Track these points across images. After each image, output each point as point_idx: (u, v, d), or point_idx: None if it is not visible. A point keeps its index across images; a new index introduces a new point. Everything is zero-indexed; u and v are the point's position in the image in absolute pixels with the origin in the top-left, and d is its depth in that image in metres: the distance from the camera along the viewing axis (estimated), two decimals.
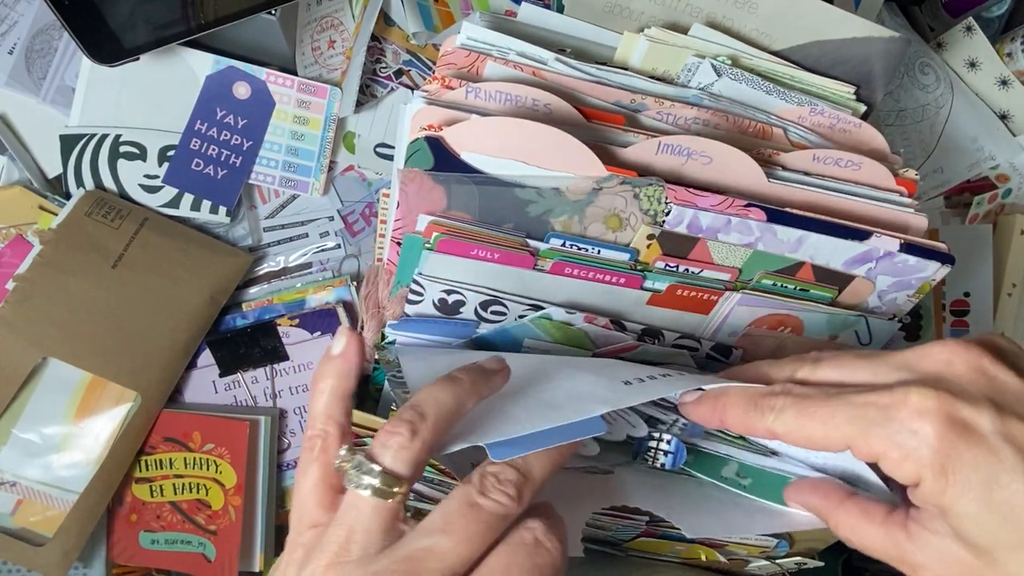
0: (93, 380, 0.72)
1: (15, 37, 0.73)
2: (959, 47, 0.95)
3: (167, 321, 0.74)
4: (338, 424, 0.43)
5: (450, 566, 0.37)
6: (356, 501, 0.39)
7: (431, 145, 0.54)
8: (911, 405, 0.38)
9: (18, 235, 0.73)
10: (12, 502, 0.72)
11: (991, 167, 0.95)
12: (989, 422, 0.37)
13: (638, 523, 0.64)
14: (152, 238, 0.74)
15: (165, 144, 0.75)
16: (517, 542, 0.39)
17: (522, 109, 0.57)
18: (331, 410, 0.43)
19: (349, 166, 0.80)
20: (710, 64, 0.62)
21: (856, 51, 0.65)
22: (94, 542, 0.76)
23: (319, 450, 0.42)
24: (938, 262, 0.60)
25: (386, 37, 0.78)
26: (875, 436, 0.39)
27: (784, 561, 0.70)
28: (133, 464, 0.75)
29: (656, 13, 0.63)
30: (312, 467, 0.42)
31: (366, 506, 0.38)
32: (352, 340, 0.44)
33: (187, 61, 0.74)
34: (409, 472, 0.39)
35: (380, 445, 0.39)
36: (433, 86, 0.57)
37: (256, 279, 0.80)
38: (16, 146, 0.74)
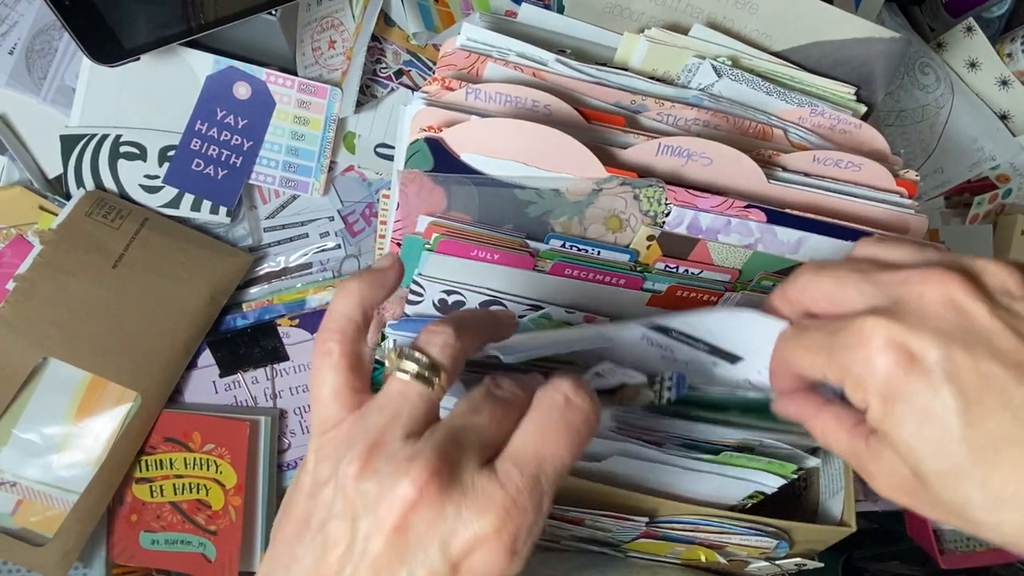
0: (93, 380, 0.72)
1: (15, 37, 0.73)
2: (959, 47, 0.95)
3: (167, 321, 0.74)
4: (357, 326, 0.41)
5: (488, 438, 0.38)
6: (402, 388, 0.38)
7: (431, 146, 0.54)
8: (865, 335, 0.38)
9: (18, 235, 0.73)
10: (12, 502, 0.72)
11: (991, 167, 0.95)
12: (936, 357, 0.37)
13: (638, 524, 0.64)
14: (152, 238, 0.74)
15: (165, 144, 0.75)
16: (547, 405, 0.39)
17: (522, 110, 0.57)
18: (352, 312, 0.41)
19: (349, 166, 0.80)
20: (710, 65, 0.62)
21: (856, 52, 0.64)
22: (94, 542, 0.76)
23: (338, 353, 0.40)
24: None
25: (386, 37, 0.78)
26: (835, 363, 0.40)
27: (784, 562, 0.70)
28: (133, 464, 0.75)
29: (656, 14, 0.63)
30: (330, 372, 0.40)
31: (412, 391, 0.38)
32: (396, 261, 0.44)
33: (187, 61, 0.74)
34: (451, 365, 0.39)
35: (426, 340, 0.40)
36: (433, 87, 0.57)
37: (256, 279, 0.80)
38: (16, 146, 0.74)
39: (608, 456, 0.61)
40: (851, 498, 0.69)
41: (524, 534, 0.35)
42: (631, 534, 0.66)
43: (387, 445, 0.37)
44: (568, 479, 0.61)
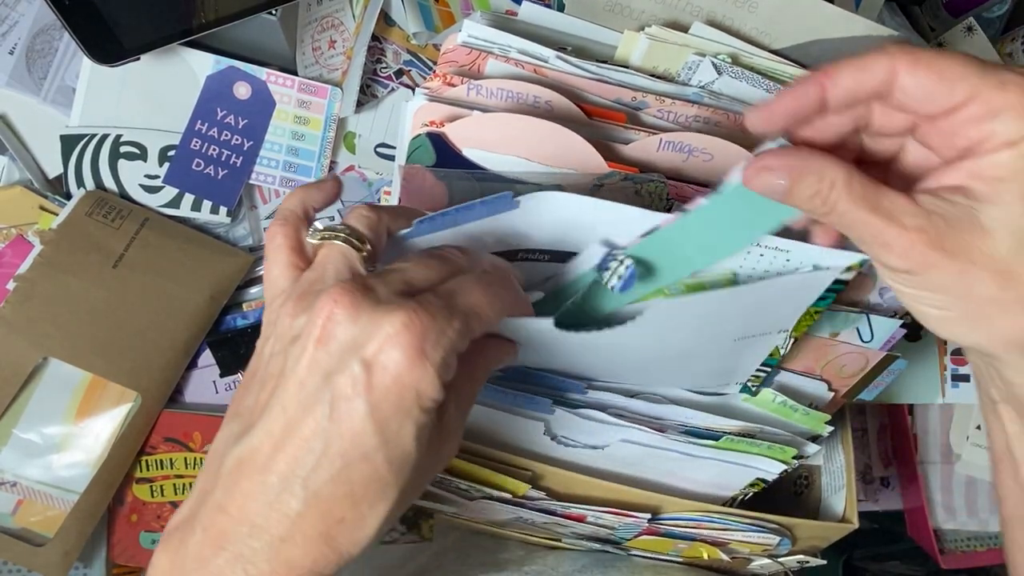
0: (93, 380, 0.72)
1: (16, 37, 0.73)
2: (959, 47, 0.95)
3: (167, 321, 0.73)
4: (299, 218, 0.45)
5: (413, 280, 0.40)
6: (327, 250, 0.42)
7: (433, 141, 0.54)
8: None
9: (19, 235, 0.73)
10: (12, 502, 0.72)
11: None
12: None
13: (640, 521, 0.64)
14: (153, 238, 0.74)
15: (165, 144, 0.75)
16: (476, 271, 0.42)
17: (523, 106, 0.57)
18: (295, 207, 0.46)
19: (349, 166, 0.80)
20: (710, 62, 0.62)
21: (856, 50, 0.65)
22: (94, 542, 0.76)
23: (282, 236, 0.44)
24: None
25: (386, 37, 0.78)
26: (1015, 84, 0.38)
27: (786, 559, 0.70)
28: (133, 464, 0.75)
29: (656, 11, 0.63)
30: (276, 253, 0.44)
31: (335, 251, 0.42)
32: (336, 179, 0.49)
33: (187, 61, 0.74)
34: (370, 233, 0.43)
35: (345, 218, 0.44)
36: (435, 83, 0.57)
37: (256, 279, 0.79)
38: (17, 146, 0.74)
39: (611, 443, 0.61)
40: (853, 495, 0.69)
41: (433, 337, 0.37)
42: (633, 531, 0.66)
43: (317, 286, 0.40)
44: (571, 475, 0.62)
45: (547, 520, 0.65)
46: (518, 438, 0.62)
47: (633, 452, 0.62)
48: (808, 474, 0.75)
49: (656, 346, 0.53)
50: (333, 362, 0.37)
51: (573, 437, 0.62)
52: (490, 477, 0.61)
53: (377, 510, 0.38)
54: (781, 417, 0.65)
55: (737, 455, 0.63)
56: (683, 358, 0.57)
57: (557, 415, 0.59)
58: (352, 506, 0.37)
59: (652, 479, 0.66)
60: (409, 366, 0.36)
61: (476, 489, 0.62)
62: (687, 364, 0.58)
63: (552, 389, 0.60)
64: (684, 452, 0.62)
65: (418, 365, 0.36)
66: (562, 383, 0.59)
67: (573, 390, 0.60)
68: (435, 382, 0.37)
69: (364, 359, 0.36)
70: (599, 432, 0.61)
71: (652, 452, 0.62)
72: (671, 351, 0.55)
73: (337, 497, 0.37)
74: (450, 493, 0.63)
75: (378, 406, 0.37)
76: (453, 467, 0.61)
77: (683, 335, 0.53)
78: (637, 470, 0.65)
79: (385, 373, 0.36)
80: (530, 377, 0.58)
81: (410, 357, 0.36)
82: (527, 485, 0.61)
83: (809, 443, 0.65)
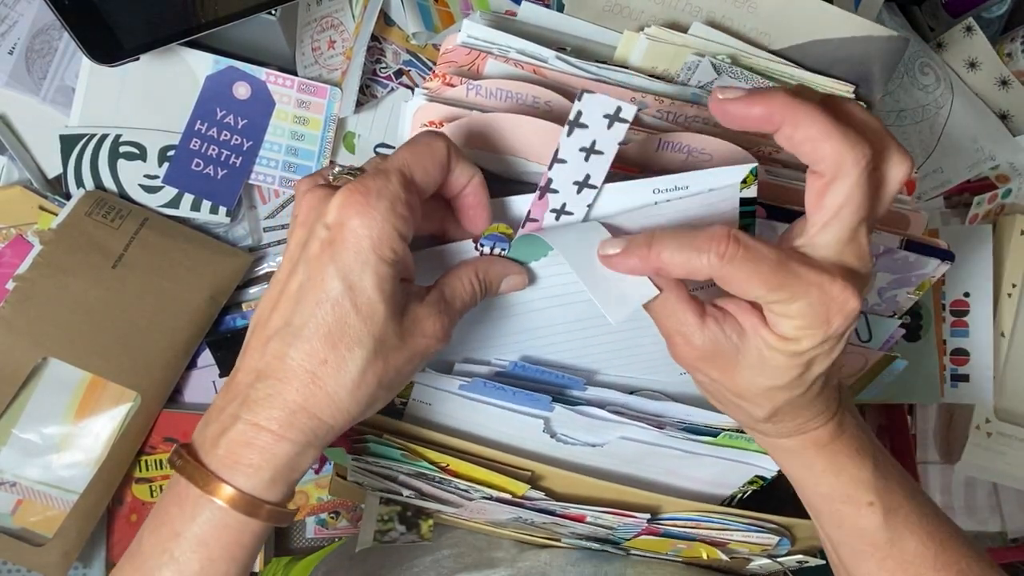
0: (93, 380, 0.72)
1: (15, 37, 0.73)
2: (959, 47, 0.95)
3: (167, 321, 0.74)
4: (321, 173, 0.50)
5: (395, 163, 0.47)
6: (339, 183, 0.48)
7: None
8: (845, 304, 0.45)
9: (18, 235, 0.73)
10: (12, 502, 0.72)
11: (991, 167, 0.95)
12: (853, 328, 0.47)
13: (639, 521, 0.64)
14: (152, 238, 0.74)
15: (165, 144, 0.75)
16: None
17: (522, 106, 0.57)
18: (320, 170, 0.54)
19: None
20: (710, 63, 0.62)
21: (855, 50, 0.65)
22: (94, 542, 0.76)
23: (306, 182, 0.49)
24: (938, 259, 0.61)
25: (386, 37, 0.78)
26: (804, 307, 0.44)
27: (785, 559, 0.70)
28: (133, 464, 0.75)
29: (656, 12, 0.63)
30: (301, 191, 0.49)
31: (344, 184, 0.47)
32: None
33: (187, 61, 0.74)
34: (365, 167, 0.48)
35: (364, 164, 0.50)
36: (434, 83, 0.57)
37: (256, 279, 0.80)
38: (16, 146, 0.74)
39: (610, 440, 0.61)
40: None
41: (375, 191, 0.44)
42: (633, 531, 0.66)
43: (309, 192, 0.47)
44: (570, 475, 0.62)
45: (546, 520, 0.65)
46: (517, 435, 0.62)
47: (632, 450, 0.62)
48: None
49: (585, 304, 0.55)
50: (306, 233, 0.46)
51: (572, 435, 0.62)
52: (489, 478, 0.61)
53: (355, 354, 0.45)
54: None
55: (735, 452, 0.63)
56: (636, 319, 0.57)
57: (556, 412, 0.59)
58: (331, 348, 0.44)
59: (651, 477, 0.66)
60: (359, 219, 0.43)
61: (475, 489, 0.62)
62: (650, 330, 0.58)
63: (551, 386, 0.60)
64: (682, 449, 0.62)
65: (366, 215, 0.43)
66: (561, 379, 0.59)
67: (572, 387, 0.60)
68: (385, 227, 0.44)
69: (327, 223, 0.44)
70: (598, 429, 0.61)
71: (651, 450, 0.62)
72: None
73: (318, 338, 0.44)
74: (450, 493, 0.63)
75: (339, 256, 0.44)
76: (453, 467, 0.61)
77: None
78: (636, 468, 0.65)
79: (342, 229, 0.44)
80: (529, 374, 0.59)
81: (358, 212, 0.44)
82: (526, 485, 0.61)
83: None
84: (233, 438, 0.45)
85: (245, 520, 0.45)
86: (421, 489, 0.64)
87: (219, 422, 0.46)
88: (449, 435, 0.60)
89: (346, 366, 0.45)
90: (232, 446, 0.45)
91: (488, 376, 0.58)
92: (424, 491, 0.64)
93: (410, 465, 0.61)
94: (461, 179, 0.49)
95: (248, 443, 0.45)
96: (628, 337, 0.59)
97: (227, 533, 0.45)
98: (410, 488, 0.64)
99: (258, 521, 0.45)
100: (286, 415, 0.45)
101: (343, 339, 0.44)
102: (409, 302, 0.47)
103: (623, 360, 0.61)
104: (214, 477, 0.45)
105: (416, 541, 0.69)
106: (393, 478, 0.63)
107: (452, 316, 0.49)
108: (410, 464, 0.61)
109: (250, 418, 0.45)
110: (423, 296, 0.48)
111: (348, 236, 0.44)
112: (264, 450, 0.45)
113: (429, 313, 0.48)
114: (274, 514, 0.46)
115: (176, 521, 0.46)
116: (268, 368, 0.45)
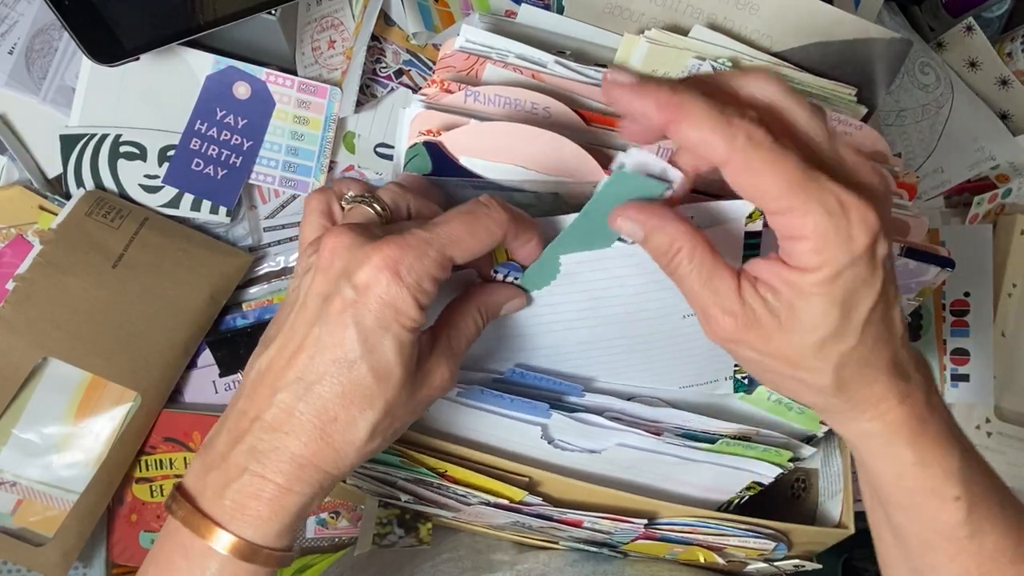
0: (93, 380, 0.72)
1: (15, 37, 0.73)
2: (959, 47, 0.95)
3: (167, 321, 0.74)
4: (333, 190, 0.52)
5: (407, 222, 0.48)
6: (352, 210, 0.49)
7: (430, 150, 0.54)
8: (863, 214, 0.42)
9: (18, 235, 0.73)
10: (12, 502, 0.72)
11: (991, 167, 0.95)
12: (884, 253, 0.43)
13: (636, 526, 0.65)
14: (152, 238, 0.74)
15: (165, 144, 0.75)
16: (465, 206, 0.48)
17: (521, 113, 0.57)
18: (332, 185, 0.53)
19: (349, 166, 0.80)
20: (711, 66, 0.61)
21: (857, 53, 0.64)
22: (94, 542, 0.76)
23: (315, 200, 0.51)
24: (938, 266, 0.60)
25: (386, 37, 0.78)
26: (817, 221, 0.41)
27: (782, 563, 0.70)
28: (133, 464, 0.75)
29: (656, 14, 0.63)
30: (311, 215, 0.51)
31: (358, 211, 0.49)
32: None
33: (187, 61, 0.74)
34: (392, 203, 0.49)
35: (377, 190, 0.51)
36: (432, 90, 0.57)
37: (256, 279, 0.80)
38: (16, 146, 0.74)
39: (608, 447, 0.62)
40: (850, 500, 0.69)
41: (408, 262, 0.43)
42: (630, 536, 0.66)
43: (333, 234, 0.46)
44: (567, 481, 0.62)
45: (544, 524, 0.66)
46: (515, 442, 0.62)
47: (630, 456, 0.62)
48: (805, 477, 0.75)
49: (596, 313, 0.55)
50: (330, 286, 0.44)
51: (570, 441, 0.62)
52: (487, 484, 0.61)
53: (366, 415, 0.45)
54: (776, 416, 0.65)
55: (733, 458, 0.63)
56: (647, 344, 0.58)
57: (554, 419, 0.59)
58: (344, 408, 0.44)
59: (648, 483, 0.66)
60: (387, 286, 0.43)
61: (473, 495, 0.62)
62: (657, 352, 0.59)
63: (549, 393, 0.60)
64: (680, 456, 0.62)
65: (394, 285, 0.43)
66: (559, 386, 0.59)
67: (570, 393, 0.60)
68: (409, 300, 0.44)
69: (354, 283, 0.43)
70: (596, 436, 0.61)
71: (648, 456, 0.62)
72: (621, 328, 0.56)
73: (331, 398, 0.44)
74: (448, 499, 0.63)
75: (361, 320, 0.44)
76: (451, 474, 0.61)
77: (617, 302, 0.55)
78: (633, 474, 0.65)
79: (368, 293, 0.43)
80: (527, 381, 0.59)
81: (388, 279, 0.43)
82: (524, 491, 0.62)
83: (805, 446, 0.65)
84: (240, 490, 0.45)
85: (254, 569, 0.46)
86: (419, 494, 0.64)
87: (222, 470, 0.46)
88: (447, 441, 0.60)
89: (356, 425, 0.45)
90: (240, 498, 0.45)
91: (486, 383, 0.58)
92: (422, 496, 0.64)
93: (408, 471, 0.61)
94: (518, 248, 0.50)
95: (256, 495, 0.45)
96: (631, 355, 0.59)
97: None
98: (408, 493, 0.64)
99: (266, 568, 0.46)
100: (294, 468, 0.45)
101: (356, 400, 0.44)
102: (420, 355, 0.47)
103: (624, 374, 0.61)
104: (221, 528, 0.45)
105: (415, 545, 0.69)
106: (391, 483, 0.63)
107: (458, 358, 0.50)
108: (408, 470, 0.61)
109: (258, 470, 0.45)
110: (431, 345, 0.49)
111: (373, 302, 0.43)
112: (272, 502, 0.45)
113: (438, 364, 0.48)
114: (281, 559, 0.47)
115: (183, 573, 0.46)
116: (276, 420, 0.45)
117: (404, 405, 0.47)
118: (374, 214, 0.48)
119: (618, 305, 0.55)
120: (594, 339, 0.57)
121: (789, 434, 0.65)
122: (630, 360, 0.59)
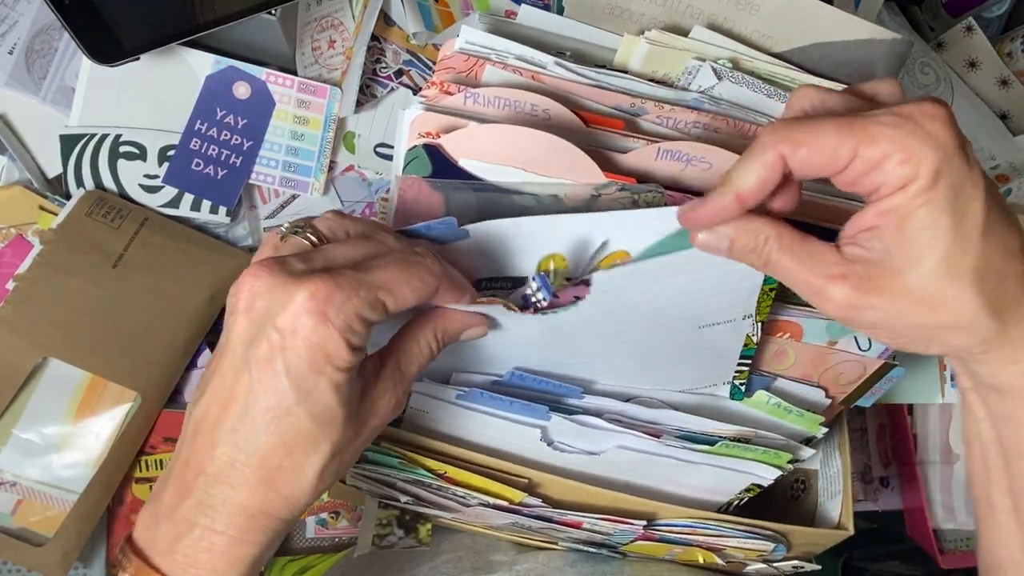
0: (93, 380, 0.72)
1: (15, 37, 0.73)
2: (959, 47, 0.95)
3: (167, 321, 0.74)
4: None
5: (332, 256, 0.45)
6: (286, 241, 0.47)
7: (429, 152, 0.54)
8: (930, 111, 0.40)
9: (18, 235, 0.73)
10: (12, 502, 0.72)
11: (991, 167, 0.94)
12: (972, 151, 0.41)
13: (636, 527, 0.65)
14: (152, 238, 0.74)
15: (165, 144, 0.75)
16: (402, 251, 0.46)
17: (521, 114, 0.57)
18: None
19: (349, 166, 0.80)
20: (710, 67, 0.61)
21: (858, 53, 0.64)
22: (94, 542, 0.76)
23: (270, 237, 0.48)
24: None
25: (386, 37, 0.78)
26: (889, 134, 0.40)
27: (781, 564, 0.70)
28: (133, 464, 0.75)
29: (656, 15, 0.63)
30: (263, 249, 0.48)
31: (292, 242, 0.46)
32: None
33: (187, 61, 0.74)
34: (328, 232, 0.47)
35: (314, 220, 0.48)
36: (431, 91, 0.57)
37: None
38: (16, 146, 0.74)
39: (607, 449, 0.62)
40: (849, 501, 0.69)
41: (337, 303, 0.41)
42: (629, 537, 0.66)
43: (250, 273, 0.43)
44: (567, 482, 0.62)
45: (543, 525, 0.66)
46: (515, 444, 0.62)
47: (629, 458, 0.62)
48: (805, 478, 0.75)
49: (616, 330, 0.55)
50: (254, 330, 0.42)
51: (569, 443, 0.62)
52: (487, 485, 0.61)
53: (311, 460, 0.44)
54: (775, 419, 0.65)
55: (732, 460, 0.63)
56: (653, 351, 0.58)
57: (554, 421, 0.59)
58: (286, 455, 0.43)
59: (648, 485, 0.66)
60: (314, 329, 0.41)
61: (472, 496, 0.62)
62: (661, 359, 0.59)
63: (548, 395, 0.60)
64: (680, 458, 0.62)
65: (322, 327, 0.41)
66: (558, 388, 0.59)
67: (569, 395, 0.60)
68: (339, 342, 0.41)
69: (277, 326, 0.41)
70: (596, 438, 0.61)
71: (648, 458, 0.62)
72: (634, 336, 0.56)
73: (271, 448, 0.43)
74: (447, 500, 0.63)
75: (292, 366, 0.41)
76: (450, 475, 0.61)
77: (638, 319, 0.55)
78: (633, 476, 0.65)
79: (295, 336, 0.41)
80: (526, 384, 0.59)
81: (315, 321, 0.41)
82: (523, 493, 0.62)
83: (804, 447, 0.65)
84: (192, 544, 0.44)
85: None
86: (419, 495, 0.64)
87: (172, 523, 0.44)
88: (447, 443, 0.60)
89: (303, 471, 0.44)
90: (192, 552, 0.44)
91: (485, 386, 0.58)
92: (422, 497, 0.64)
93: (408, 472, 0.61)
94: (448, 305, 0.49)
95: (208, 549, 0.44)
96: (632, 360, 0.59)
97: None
98: (408, 494, 0.64)
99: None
100: (245, 520, 0.44)
101: (299, 447, 0.43)
102: (364, 386, 0.46)
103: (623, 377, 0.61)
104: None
105: (414, 546, 0.69)
106: (391, 484, 0.63)
107: (407, 385, 0.49)
108: (408, 472, 0.61)
109: (207, 524, 0.44)
110: (378, 372, 0.47)
111: (301, 346, 0.41)
112: (226, 554, 0.44)
113: (384, 391, 0.47)
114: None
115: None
116: (219, 473, 0.43)
117: (352, 442, 0.45)
118: (306, 244, 0.46)
119: (637, 320, 0.55)
120: (600, 350, 0.57)
121: (788, 436, 0.65)
122: (631, 365, 0.59)
